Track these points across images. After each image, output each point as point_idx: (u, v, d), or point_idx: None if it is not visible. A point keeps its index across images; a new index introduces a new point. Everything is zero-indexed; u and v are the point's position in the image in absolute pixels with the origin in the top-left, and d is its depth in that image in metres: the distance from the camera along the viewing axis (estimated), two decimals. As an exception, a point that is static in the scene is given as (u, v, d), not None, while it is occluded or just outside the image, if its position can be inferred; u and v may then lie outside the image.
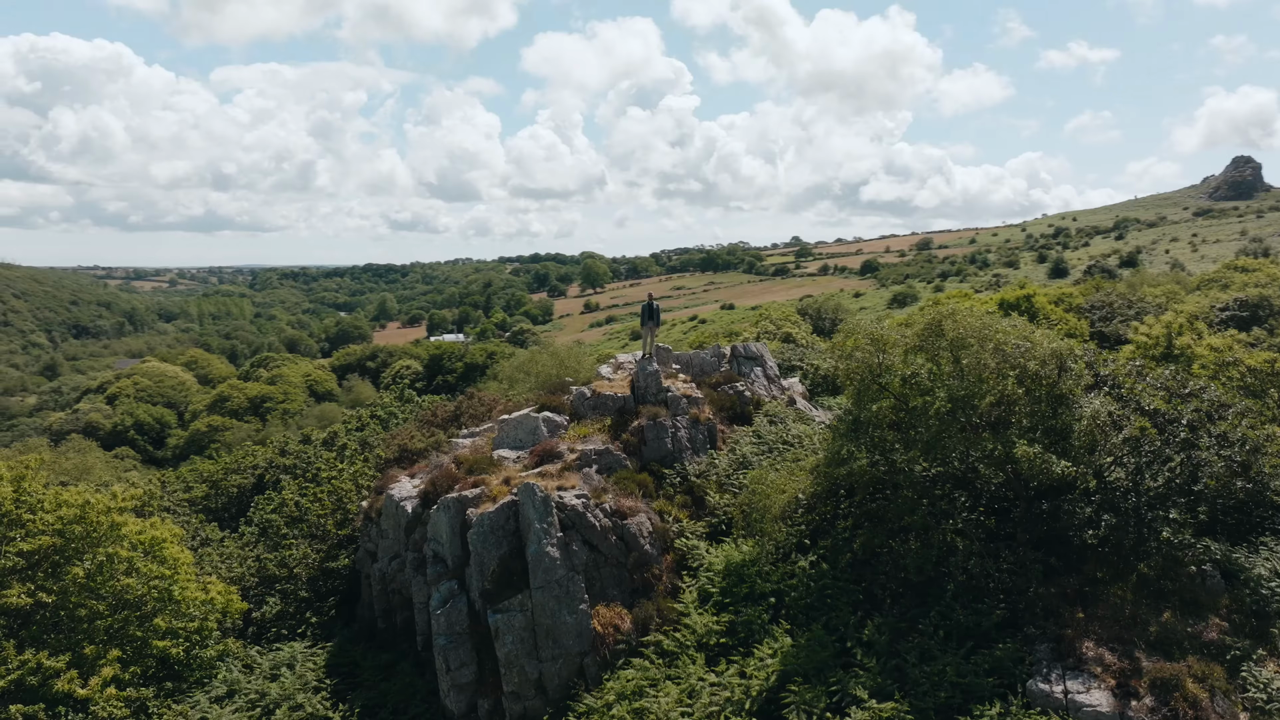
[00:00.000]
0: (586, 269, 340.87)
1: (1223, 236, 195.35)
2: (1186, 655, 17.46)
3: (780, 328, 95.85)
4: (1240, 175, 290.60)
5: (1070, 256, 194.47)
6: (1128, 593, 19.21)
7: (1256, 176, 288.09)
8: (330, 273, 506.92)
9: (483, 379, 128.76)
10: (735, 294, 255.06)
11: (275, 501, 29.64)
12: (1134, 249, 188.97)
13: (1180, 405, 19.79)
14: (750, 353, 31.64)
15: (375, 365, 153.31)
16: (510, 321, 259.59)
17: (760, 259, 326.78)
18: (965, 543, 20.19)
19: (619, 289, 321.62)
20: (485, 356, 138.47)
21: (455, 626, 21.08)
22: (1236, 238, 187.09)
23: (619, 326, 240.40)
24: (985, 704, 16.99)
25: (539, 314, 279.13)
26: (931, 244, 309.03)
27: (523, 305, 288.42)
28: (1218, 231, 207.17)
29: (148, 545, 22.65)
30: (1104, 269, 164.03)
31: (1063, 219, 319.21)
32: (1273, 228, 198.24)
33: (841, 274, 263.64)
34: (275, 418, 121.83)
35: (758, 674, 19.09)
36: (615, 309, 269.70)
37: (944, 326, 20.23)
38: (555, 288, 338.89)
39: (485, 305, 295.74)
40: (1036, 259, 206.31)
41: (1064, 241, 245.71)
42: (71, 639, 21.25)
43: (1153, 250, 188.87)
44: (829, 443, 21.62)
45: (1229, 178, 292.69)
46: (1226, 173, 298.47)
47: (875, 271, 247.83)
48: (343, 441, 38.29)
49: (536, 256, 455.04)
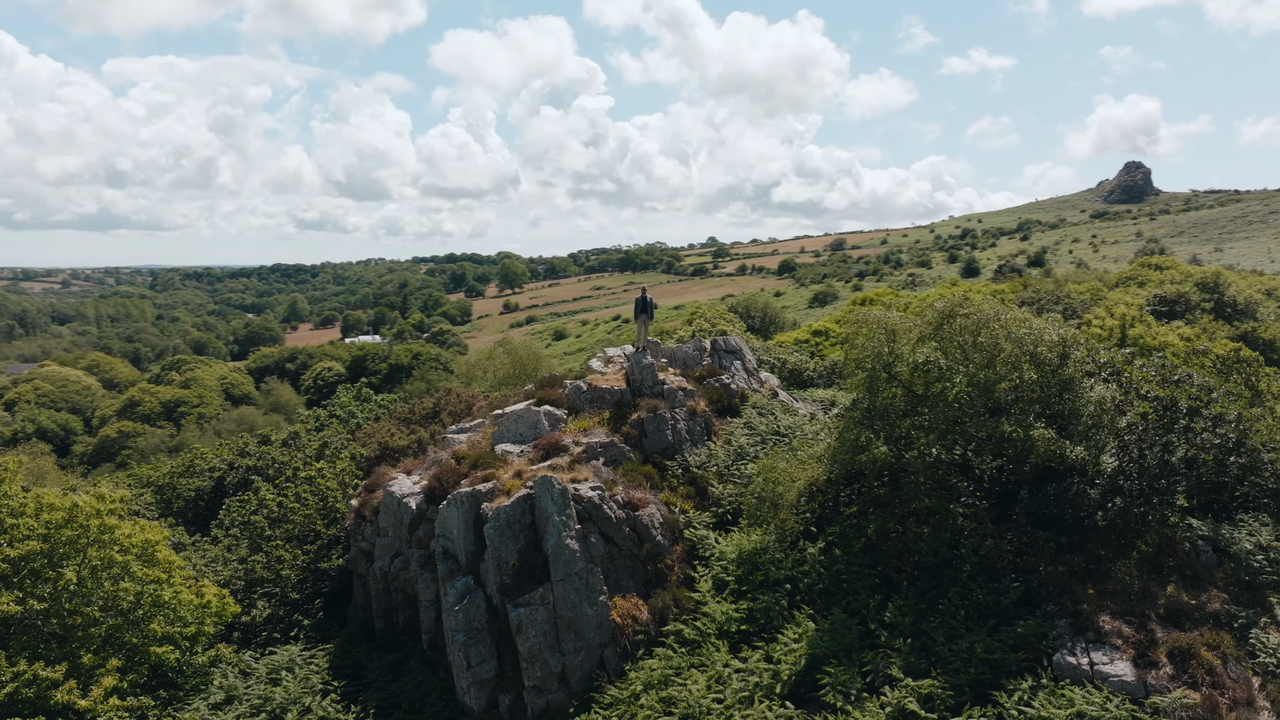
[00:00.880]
0: (504, 269, 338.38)
1: (1120, 237, 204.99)
2: (1197, 625, 18.42)
3: (715, 325, 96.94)
4: (1132, 180, 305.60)
5: (980, 256, 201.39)
6: (1131, 569, 20.15)
7: (1146, 181, 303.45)
8: (236, 273, 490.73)
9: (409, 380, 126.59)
10: (656, 294, 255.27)
11: (253, 503, 28.67)
12: (1040, 249, 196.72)
13: (1175, 390, 20.82)
14: (730, 346, 31.97)
15: (294, 367, 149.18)
16: (428, 322, 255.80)
17: (679, 259, 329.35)
18: (973, 525, 20.86)
19: (538, 289, 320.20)
20: (410, 357, 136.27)
21: (474, 622, 20.79)
22: (1133, 238, 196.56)
23: (540, 327, 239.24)
24: (1016, 678, 17.63)
25: (457, 314, 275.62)
26: (844, 244, 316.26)
27: (440, 306, 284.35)
28: (1115, 233, 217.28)
29: (140, 548, 21.69)
30: (1014, 268, 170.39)
31: (968, 220, 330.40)
32: (1165, 229, 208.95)
33: (759, 274, 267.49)
34: (190, 422, 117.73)
35: (786, 658, 19.36)
36: (535, 309, 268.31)
37: (958, 313, 20.83)
38: (473, 288, 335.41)
39: (402, 306, 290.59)
40: (948, 259, 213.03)
41: (971, 242, 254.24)
42: (66, 647, 20.22)
43: (1056, 250, 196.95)
44: (844, 431, 22.00)
45: (1122, 182, 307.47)
46: (1119, 177, 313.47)
47: (792, 271, 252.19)
48: (305, 442, 37.29)
49: (452, 256, 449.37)
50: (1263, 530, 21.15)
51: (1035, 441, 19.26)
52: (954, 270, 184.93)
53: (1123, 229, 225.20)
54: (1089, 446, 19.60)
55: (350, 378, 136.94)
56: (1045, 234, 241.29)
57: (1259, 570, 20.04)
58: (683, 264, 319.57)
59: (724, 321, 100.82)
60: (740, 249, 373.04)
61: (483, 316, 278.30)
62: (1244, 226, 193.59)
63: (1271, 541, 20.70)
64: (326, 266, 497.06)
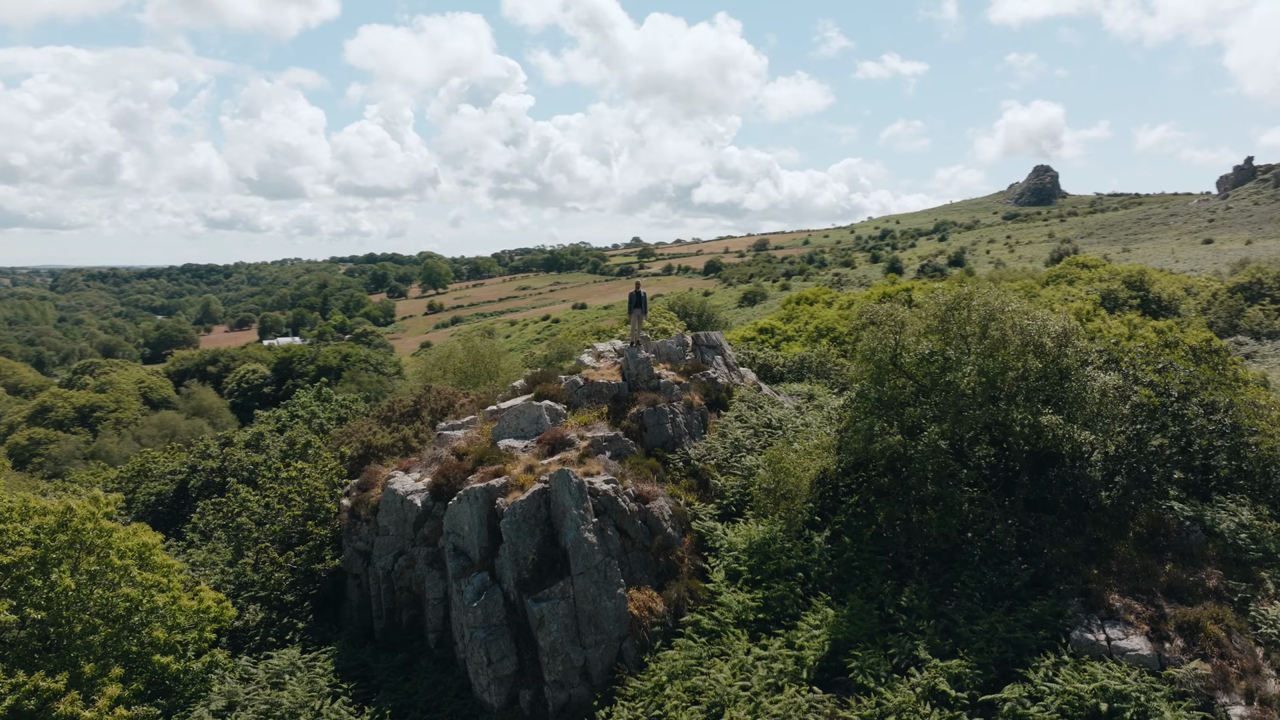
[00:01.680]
0: (427, 269, 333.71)
1: (1033, 238, 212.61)
2: (1199, 601, 19.34)
3: (656, 324, 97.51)
4: (1041, 183, 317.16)
5: (902, 256, 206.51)
6: (1130, 549, 21.03)
7: (1054, 184, 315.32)
8: (144, 274, 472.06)
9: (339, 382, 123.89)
10: (583, 294, 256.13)
11: (233, 505, 27.79)
12: (958, 249, 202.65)
13: (1168, 376, 21.82)
14: (711, 341, 32.24)
15: (216, 370, 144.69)
16: (350, 323, 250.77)
17: (604, 259, 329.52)
18: (979, 510, 21.51)
19: (462, 289, 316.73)
20: (339, 359, 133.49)
21: (492, 618, 20.59)
22: (1046, 239, 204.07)
23: (467, 328, 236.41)
24: (1038, 656, 18.27)
25: (380, 315, 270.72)
26: (768, 245, 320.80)
27: (363, 306, 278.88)
28: (1028, 234, 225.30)
29: (137, 552, 20.87)
30: (935, 267, 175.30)
31: (887, 222, 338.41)
32: (1074, 230, 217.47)
33: (686, 274, 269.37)
34: (107, 428, 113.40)
35: (809, 644, 19.67)
36: (460, 310, 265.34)
37: (965, 305, 21.44)
38: (395, 288, 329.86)
39: (322, 307, 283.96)
40: (870, 259, 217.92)
41: (891, 243, 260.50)
42: (64, 657, 19.34)
43: (974, 250, 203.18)
44: (854, 420, 22.42)
45: (1031, 185, 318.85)
46: (1029, 180, 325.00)
47: (718, 271, 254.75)
48: (270, 443, 36.32)
49: (372, 256, 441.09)
50: (1242, 510, 22.29)
51: (1044, 427, 19.94)
52: (878, 269, 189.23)
53: (1034, 230, 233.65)
54: (1096, 431, 20.38)
55: (276, 380, 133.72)
56: (962, 235, 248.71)
57: (1245, 548, 21.11)
58: (608, 264, 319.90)
59: (664, 320, 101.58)
60: (665, 249, 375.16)
61: (407, 317, 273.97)
62: (1147, 228, 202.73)
63: (1253, 520, 21.84)
64: (240, 267, 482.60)
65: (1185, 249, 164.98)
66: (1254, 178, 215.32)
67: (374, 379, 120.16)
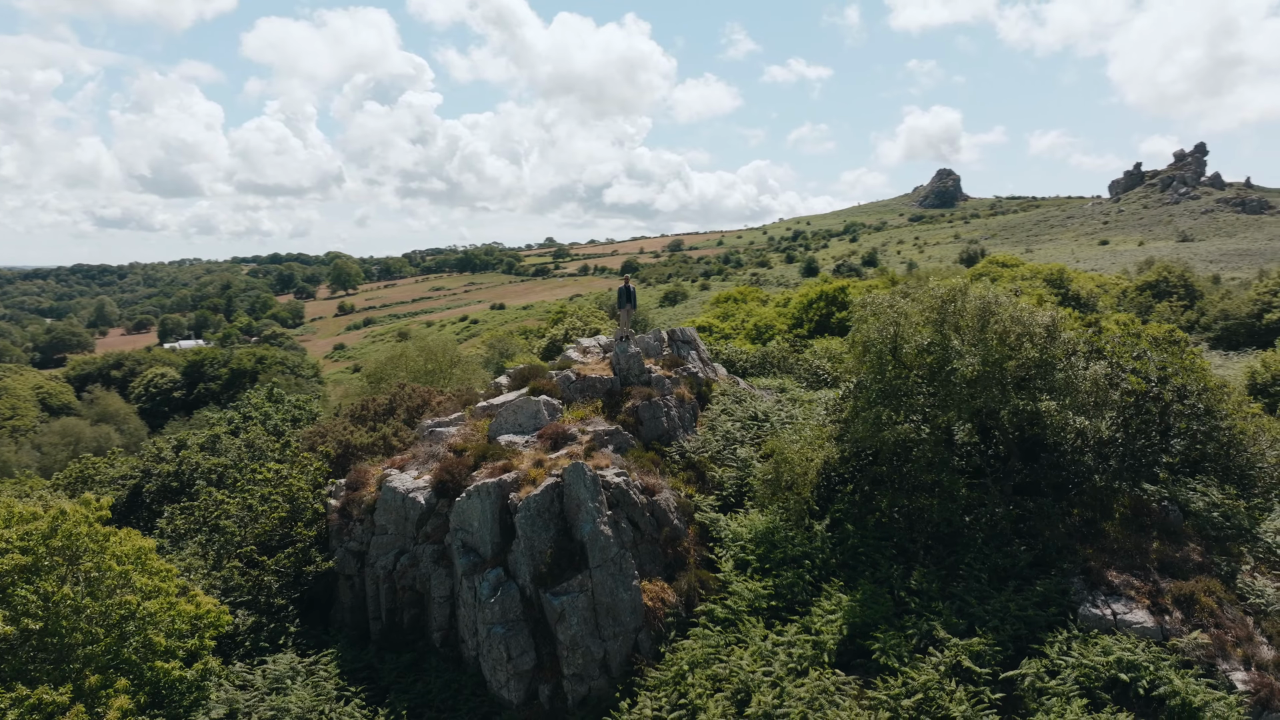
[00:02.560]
0: (336, 269, 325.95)
1: (941, 239, 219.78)
2: (1189, 575, 20.47)
3: (588, 323, 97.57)
4: (944, 186, 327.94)
5: (816, 256, 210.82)
6: (1118, 529, 22.11)
7: (956, 187, 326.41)
8: (29, 274, 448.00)
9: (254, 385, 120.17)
10: (499, 294, 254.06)
11: (206, 508, 26.81)
12: (870, 250, 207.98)
13: (1145, 364, 23.02)
14: (686, 337, 32.50)
15: (121, 375, 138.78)
16: (257, 325, 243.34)
17: (519, 260, 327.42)
18: (978, 495, 22.32)
19: (373, 290, 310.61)
20: (254, 361, 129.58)
21: (509, 614, 20.42)
22: (953, 240, 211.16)
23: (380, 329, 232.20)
24: (1050, 632, 19.09)
25: (289, 317, 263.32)
26: (682, 246, 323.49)
27: (270, 308, 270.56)
28: (935, 235, 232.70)
29: (134, 556, 19.99)
30: (851, 267, 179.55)
31: (798, 223, 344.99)
32: (979, 232, 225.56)
33: (603, 274, 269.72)
34: (4, 435, 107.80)
35: (827, 629, 20.12)
36: (372, 311, 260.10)
37: (963, 296, 22.20)
38: (303, 289, 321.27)
39: (226, 309, 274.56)
40: (785, 259, 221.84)
41: (804, 244, 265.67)
42: (64, 668, 18.41)
43: (885, 251, 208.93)
44: (859, 410, 22.93)
45: (935, 188, 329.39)
46: (933, 183, 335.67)
47: (635, 271, 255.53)
48: (227, 445, 35.16)
49: (277, 256, 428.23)
50: (1211, 490, 23.67)
51: (1043, 414, 20.81)
52: (795, 270, 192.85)
53: (941, 232, 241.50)
54: (1090, 417, 21.36)
55: (187, 384, 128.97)
56: (872, 236, 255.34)
57: (1219, 525, 22.45)
58: (523, 264, 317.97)
59: (595, 319, 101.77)
60: (580, 249, 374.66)
61: (317, 319, 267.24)
62: (1047, 229, 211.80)
63: (1222, 499, 23.22)
64: (135, 267, 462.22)
65: (1084, 249, 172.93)
66: (1142, 182, 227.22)
67: (291, 381, 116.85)
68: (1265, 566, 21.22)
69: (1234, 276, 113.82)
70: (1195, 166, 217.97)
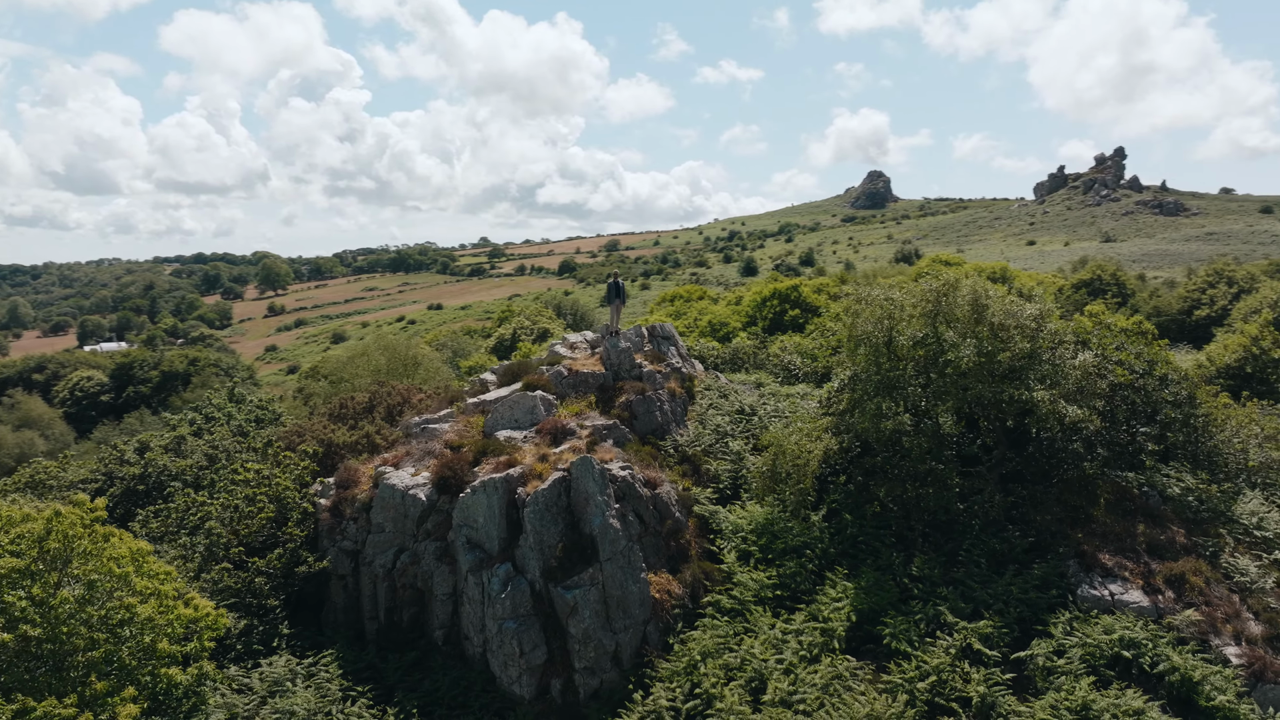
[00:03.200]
0: (265, 269, 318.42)
1: (874, 239, 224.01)
2: (1176, 557, 21.33)
3: (536, 323, 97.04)
4: (874, 187, 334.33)
5: (754, 256, 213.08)
6: (1104, 514, 22.92)
7: (887, 189, 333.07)
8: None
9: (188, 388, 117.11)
10: (435, 294, 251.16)
11: (183, 509, 26.07)
12: (807, 250, 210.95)
13: (1125, 354, 23.90)
14: (666, 333, 32.67)
15: (44, 378, 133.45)
16: (183, 327, 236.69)
17: (454, 259, 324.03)
18: (972, 483, 22.93)
19: (304, 290, 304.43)
20: (186, 364, 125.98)
21: (520, 609, 20.32)
22: (886, 241, 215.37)
23: (313, 330, 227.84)
24: (1053, 613, 19.73)
25: (216, 318, 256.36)
26: (619, 245, 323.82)
27: (196, 309, 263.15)
28: (869, 235, 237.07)
29: (133, 558, 19.36)
30: (789, 266, 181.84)
31: (733, 223, 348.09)
32: (911, 232, 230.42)
33: (540, 274, 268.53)
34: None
35: (835, 616, 20.47)
36: (304, 312, 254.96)
37: (957, 290, 22.78)
38: (230, 289, 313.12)
39: (150, 310, 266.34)
40: (723, 259, 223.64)
41: (740, 244, 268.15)
42: (67, 676, 17.75)
43: (821, 251, 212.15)
44: (858, 402, 23.34)
45: (866, 189, 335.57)
46: (864, 185, 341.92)
47: (573, 271, 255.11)
48: (192, 446, 34.20)
49: (202, 256, 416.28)
50: (1185, 475, 24.69)
51: (1037, 403, 21.47)
52: (733, 269, 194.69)
53: (874, 232, 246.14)
54: (1082, 406, 22.10)
55: (115, 388, 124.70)
56: (807, 236, 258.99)
57: (1197, 509, 23.43)
58: (458, 265, 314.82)
59: (544, 319, 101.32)
60: (515, 249, 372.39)
61: (246, 320, 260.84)
62: (976, 230, 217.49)
63: (1196, 484, 24.24)
64: (50, 267, 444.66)
65: (1013, 249, 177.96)
66: (1065, 185, 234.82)
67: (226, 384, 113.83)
68: (1243, 547, 22.21)
69: (1156, 275, 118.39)
70: (1115, 170, 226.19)
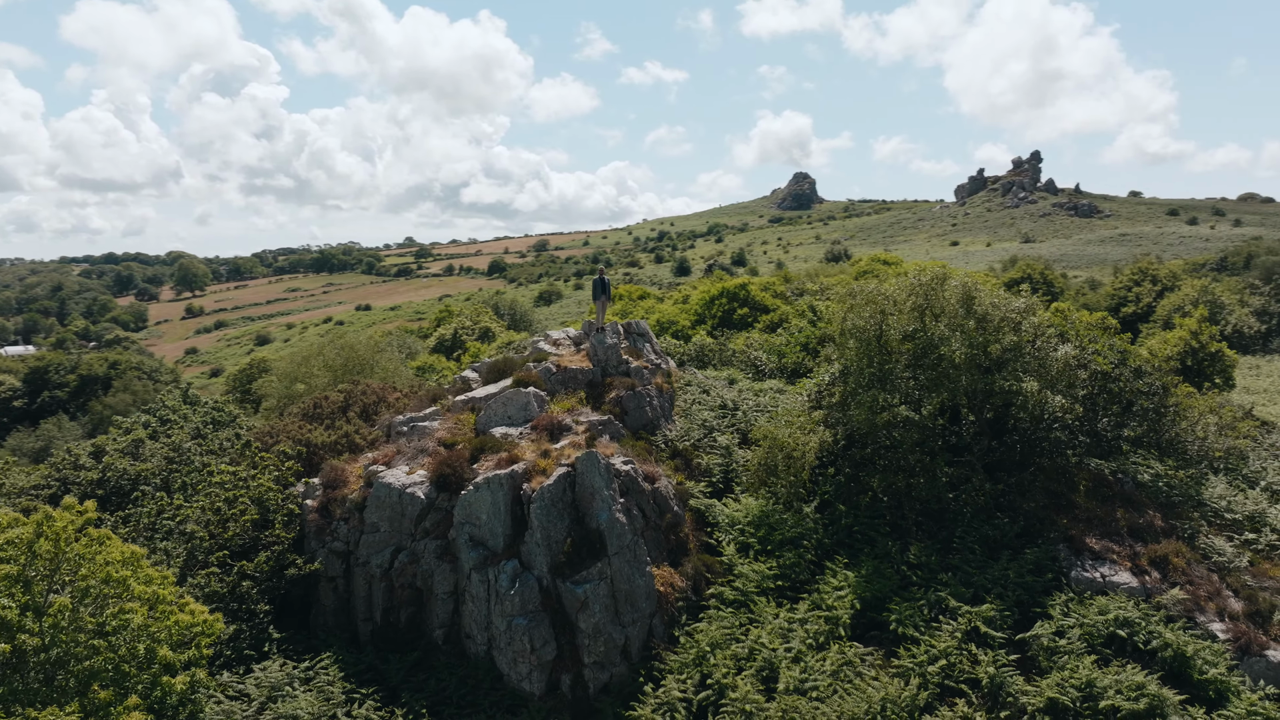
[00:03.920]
0: (181, 270, 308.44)
1: (803, 240, 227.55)
2: (1156, 539, 22.27)
3: (478, 322, 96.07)
4: (800, 189, 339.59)
5: (687, 256, 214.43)
6: (1084, 499, 23.80)
7: (813, 190, 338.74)
8: None
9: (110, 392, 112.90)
10: (361, 295, 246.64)
11: (155, 512, 25.20)
12: (738, 249, 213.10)
13: (1101, 346, 24.87)
14: (640, 329, 32.75)
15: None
16: (95, 329, 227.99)
17: (379, 259, 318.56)
18: (961, 472, 23.58)
19: (223, 291, 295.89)
20: (107, 367, 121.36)
21: (529, 605, 20.18)
22: (814, 241, 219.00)
23: (235, 332, 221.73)
24: (1048, 595, 20.43)
25: (130, 320, 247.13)
26: (548, 246, 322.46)
27: (109, 311, 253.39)
28: (797, 236, 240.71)
29: (130, 562, 18.64)
30: (722, 266, 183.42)
31: (662, 224, 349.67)
32: (837, 233, 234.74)
33: (469, 274, 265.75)
34: None
35: (839, 604, 20.85)
36: (224, 313, 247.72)
37: (945, 285, 23.39)
38: (145, 290, 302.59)
39: (60, 312, 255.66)
40: (655, 259, 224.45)
41: (670, 244, 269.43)
42: (66, 686, 17.02)
43: (751, 250, 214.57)
44: (853, 394, 23.77)
45: (792, 191, 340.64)
46: (790, 186, 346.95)
47: (503, 271, 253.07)
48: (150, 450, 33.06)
49: (113, 257, 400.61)
50: (1153, 462, 25.80)
51: (1024, 393, 22.20)
52: (666, 269, 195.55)
53: (802, 233, 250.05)
54: (1065, 396, 22.93)
55: (29, 393, 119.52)
56: (736, 236, 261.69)
57: (1168, 493, 24.50)
58: (384, 265, 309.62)
59: (485, 319, 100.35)
60: (442, 250, 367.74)
61: (162, 321, 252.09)
62: (901, 231, 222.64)
63: (1164, 471, 25.35)
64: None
65: (937, 249, 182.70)
66: (985, 187, 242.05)
67: (149, 387, 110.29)
68: (1214, 529, 23.29)
69: (1076, 274, 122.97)
70: (1032, 173, 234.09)
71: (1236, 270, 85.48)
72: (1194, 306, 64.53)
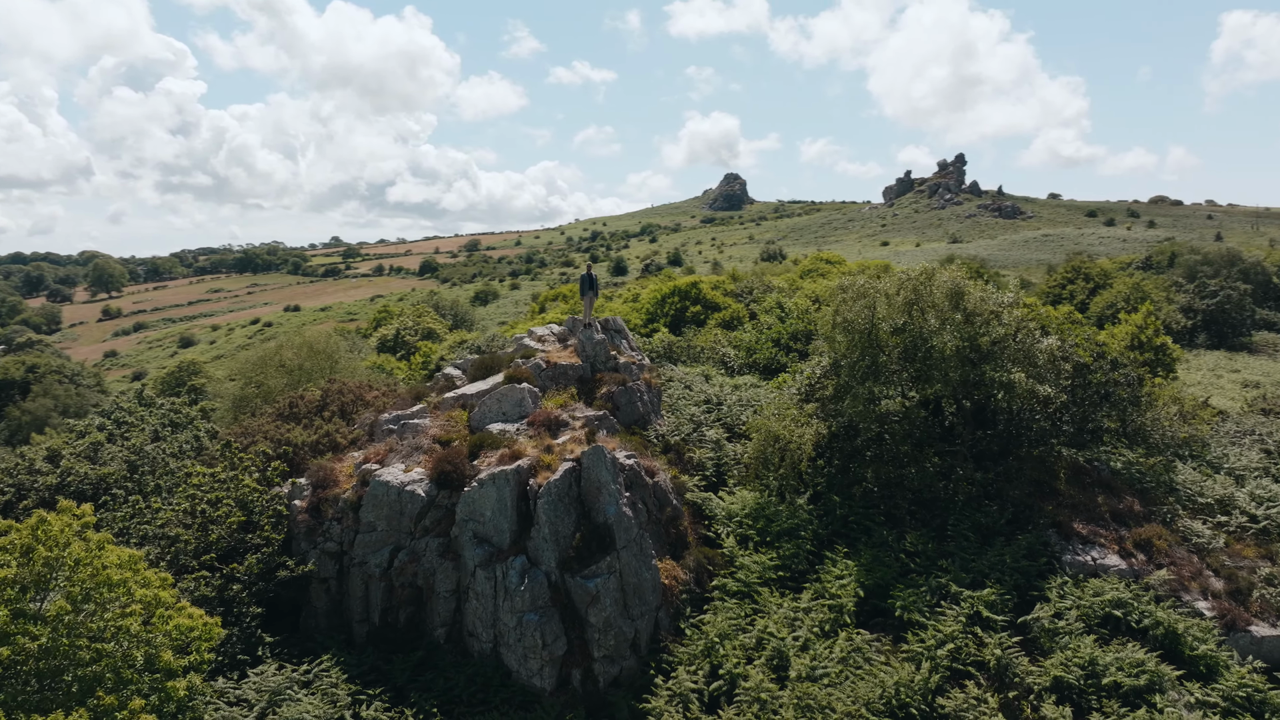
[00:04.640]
0: (96, 270, 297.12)
1: (736, 240, 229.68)
2: (1138, 523, 23.15)
3: (420, 322, 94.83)
4: (731, 190, 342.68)
5: (623, 255, 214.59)
6: (1066, 486, 24.61)
7: (743, 191, 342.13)
8: None
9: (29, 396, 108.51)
10: (289, 295, 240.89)
11: (128, 515, 24.34)
12: (673, 249, 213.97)
13: (1079, 338, 25.75)
14: (617, 326, 32.72)
15: None
16: (5, 333, 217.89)
17: (305, 260, 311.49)
18: (949, 463, 24.17)
19: (141, 292, 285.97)
20: (24, 370, 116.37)
21: (538, 600, 20.05)
22: (748, 241, 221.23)
23: (156, 334, 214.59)
24: (1044, 580, 21.08)
25: (42, 322, 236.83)
26: (479, 246, 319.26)
27: (20, 312, 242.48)
28: (730, 236, 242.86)
29: (130, 566, 17.99)
30: (658, 265, 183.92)
31: (594, 224, 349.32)
32: (770, 233, 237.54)
33: (400, 274, 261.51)
34: None
35: (842, 592, 21.20)
36: (143, 315, 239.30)
37: (933, 280, 23.95)
38: (57, 292, 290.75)
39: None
40: (590, 259, 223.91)
41: (604, 244, 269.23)
42: (69, 692, 16.36)
43: (686, 250, 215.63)
44: (846, 387, 24.14)
45: (723, 191, 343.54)
46: (721, 187, 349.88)
47: (435, 271, 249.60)
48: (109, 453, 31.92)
49: (20, 256, 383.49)
50: (1124, 450, 26.81)
51: (1015, 383, 22.85)
52: (601, 269, 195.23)
53: (735, 233, 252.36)
54: (1050, 387, 23.67)
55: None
56: (670, 236, 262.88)
57: (1141, 480, 25.49)
58: (311, 265, 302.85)
59: (428, 319, 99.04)
60: (371, 249, 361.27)
61: (77, 324, 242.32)
62: (832, 231, 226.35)
63: (1136, 459, 26.37)
64: None
65: (869, 249, 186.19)
66: (912, 189, 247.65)
67: (71, 392, 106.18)
68: (1188, 513, 24.31)
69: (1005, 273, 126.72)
70: (957, 175, 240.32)
71: (1162, 269, 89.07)
72: (1125, 303, 67.11)
